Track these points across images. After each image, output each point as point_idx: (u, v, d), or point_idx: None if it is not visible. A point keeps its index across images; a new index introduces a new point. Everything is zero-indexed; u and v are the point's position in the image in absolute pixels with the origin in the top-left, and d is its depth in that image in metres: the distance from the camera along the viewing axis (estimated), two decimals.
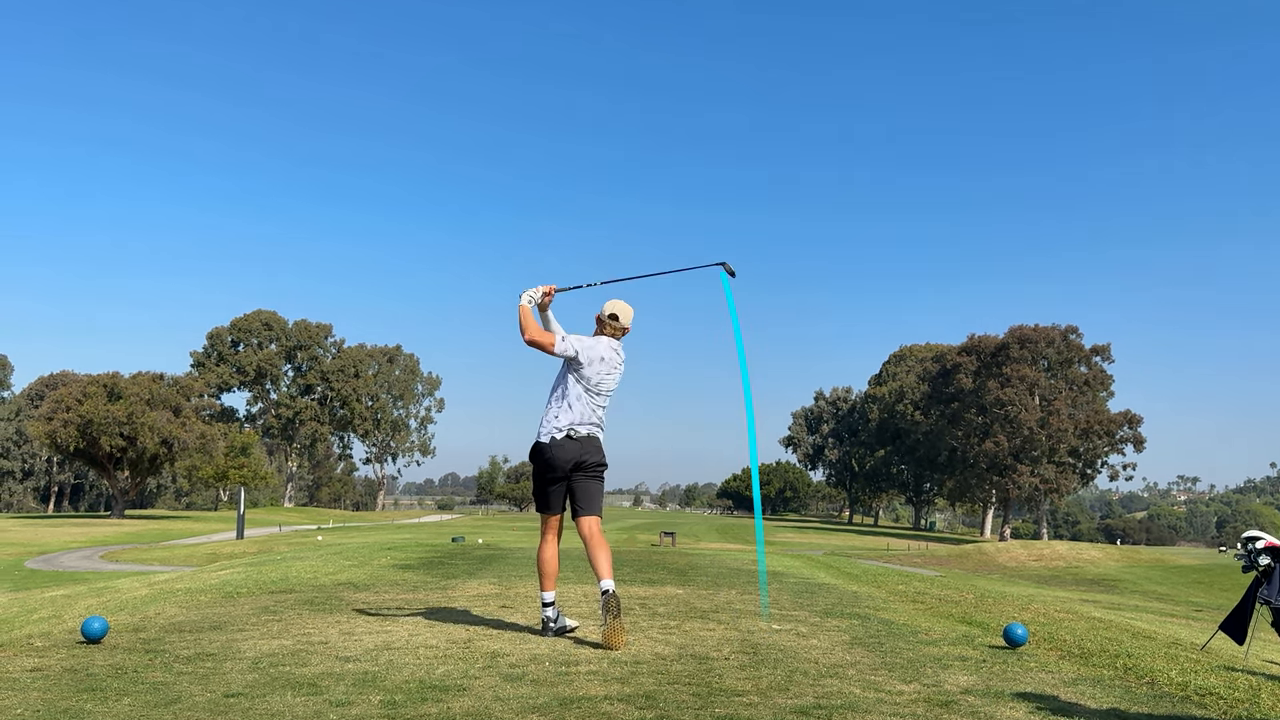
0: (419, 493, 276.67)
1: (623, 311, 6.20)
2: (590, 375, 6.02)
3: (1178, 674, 5.24)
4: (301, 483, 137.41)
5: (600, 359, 6.05)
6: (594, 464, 6.02)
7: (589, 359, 6.02)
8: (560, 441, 5.98)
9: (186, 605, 7.54)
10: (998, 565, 55.31)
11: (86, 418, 77.84)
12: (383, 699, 4.25)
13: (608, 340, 6.15)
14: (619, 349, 6.17)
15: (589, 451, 6.00)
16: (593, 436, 6.02)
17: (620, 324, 6.18)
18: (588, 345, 6.07)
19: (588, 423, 6.01)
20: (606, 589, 5.69)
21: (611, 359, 6.09)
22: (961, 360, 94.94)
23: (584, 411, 6.01)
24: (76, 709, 4.03)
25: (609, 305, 6.21)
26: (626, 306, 6.23)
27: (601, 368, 6.04)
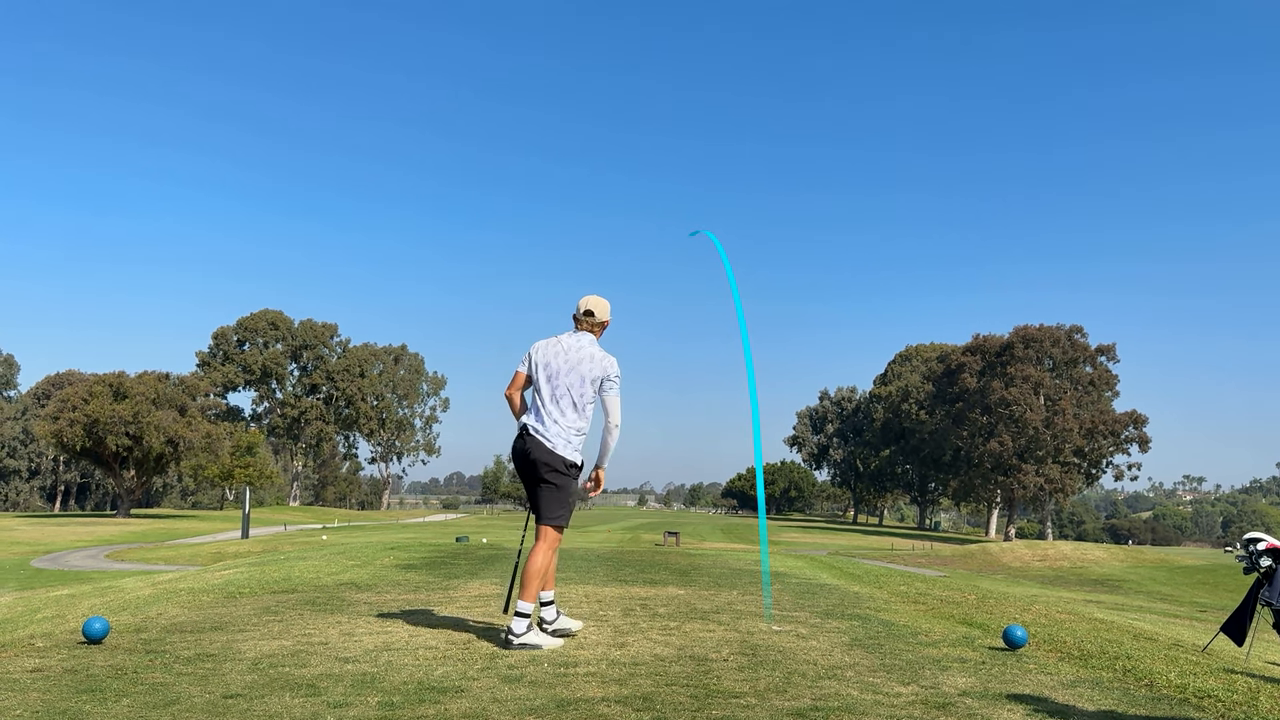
0: (424, 492, 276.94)
1: (597, 306, 5.97)
2: (540, 378, 5.84)
3: (1177, 676, 5.23)
4: (307, 482, 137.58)
5: (548, 362, 5.84)
6: (545, 467, 5.75)
7: (538, 363, 5.87)
8: (516, 441, 5.89)
9: (189, 605, 7.56)
10: (1002, 565, 55.24)
11: (92, 417, 77.99)
12: (380, 700, 4.26)
13: (572, 337, 5.92)
14: (587, 344, 5.88)
15: (539, 453, 5.75)
16: (546, 439, 5.75)
17: (595, 319, 5.96)
18: (540, 350, 5.90)
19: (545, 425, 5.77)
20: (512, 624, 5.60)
21: (570, 356, 5.82)
22: (966, 360, 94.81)
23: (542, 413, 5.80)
24: (75, 710, 4.04)
25: (583, 301, 5.98)
26: (601, 300, 6.01)
27: (550, 367, 5.82)
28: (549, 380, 5.81)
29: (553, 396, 5.79)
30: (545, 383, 5.82)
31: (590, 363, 5.81)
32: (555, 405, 5.77)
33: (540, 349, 5.89)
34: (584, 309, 5.96)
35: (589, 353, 5.84)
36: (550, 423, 5.76)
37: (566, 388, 5.78)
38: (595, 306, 5.96)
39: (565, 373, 5.80)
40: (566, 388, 5.78)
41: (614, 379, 5.82)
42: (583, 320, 5.97)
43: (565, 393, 5.77)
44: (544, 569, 5.78)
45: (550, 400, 5.78)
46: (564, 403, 5.77)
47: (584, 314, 5.96)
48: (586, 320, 5.96)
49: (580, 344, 5.88)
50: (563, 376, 5.80)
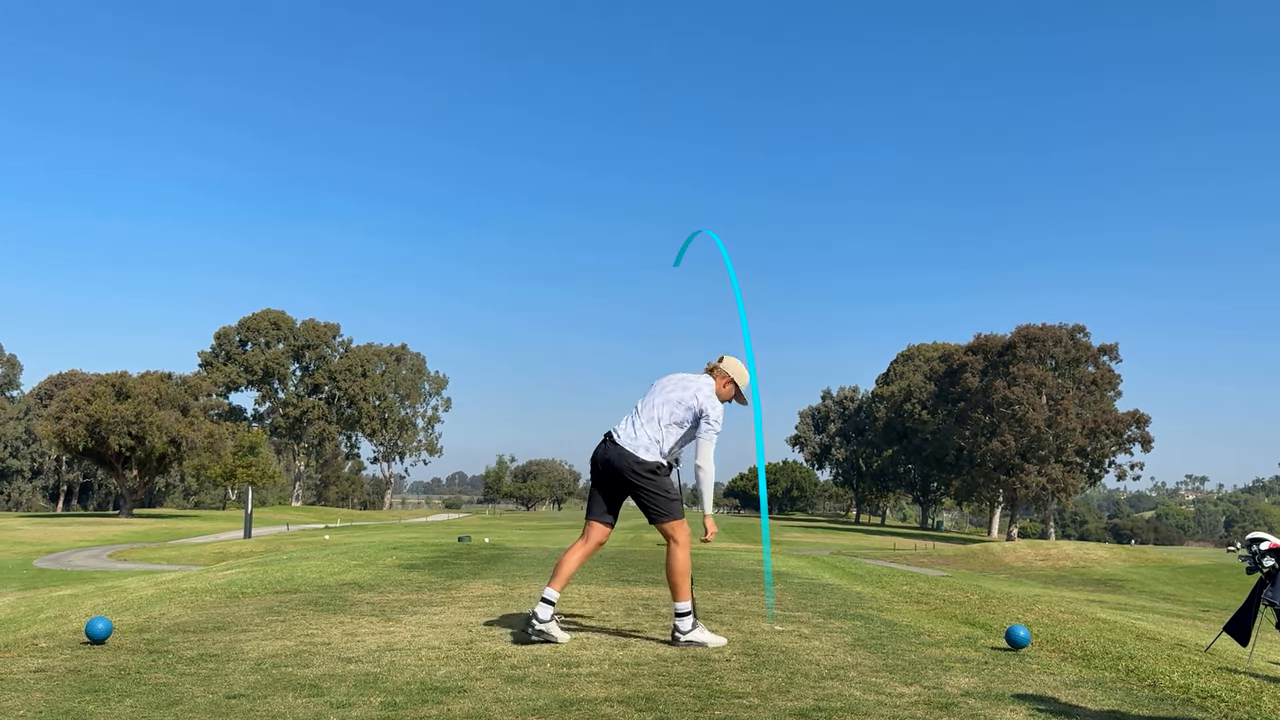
0: (426, 491, 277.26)
1: (730, 362, 6.14)
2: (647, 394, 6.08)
3: (1180, 676, 5.23)
4: (309, 482, 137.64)
5: (662, 383, 6.07)
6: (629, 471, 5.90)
7: (654, 383, 6.12)
8: (598, 447, 6.03)
9: (191, 605, 7.57)
10: (1004, 565, 55.19)
11: (95, 417, 78.05)
12: (383, 700, 4.26)
13: (696, 375, 6.09)
14: (703, 382, 6.03)
15: (619, 458, 5.90)
16: (623, 442, 5.90)
17: (721, 367, 6.11)
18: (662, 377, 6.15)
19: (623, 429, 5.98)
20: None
21: (682, 383, 6.00)
22: (969, 360, 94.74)
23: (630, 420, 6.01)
24: (79, 710, 4.04)
25: (725, 363, 6.15)
26: (737, 362, 6.18)
27: (659, 386, 6.06)
28: (651, 395, 6.04)
29: (646, 408, 5.99)
30: (648, 396, 6.05)
31: (696, 396, 5.94)
32: (646, 416, 5.96)
33: (661, 379, 6.14)
34: (722, 362, 6.16)
35: (699, 387, 5.99)
36: (630, 427, 5.95)
37: (662, 404, 5.95)
38: (728, 361, 6.15)
39: (669, 392, 5.99)
40: (662, 404, 5.95)
41: (714, 421, 5.91)
42: (716, 370, 6.14)
43: (652, 410, 5.95)
44: (686, 567, 5.93)
45: (643, 411, 5.99)
46: (645, 417, 5.94)
47: (719, 362, 6.17)
48: (719, 372, 6.12)
49: (698, 380, 6.06)
50: (664, 394, 5.99)
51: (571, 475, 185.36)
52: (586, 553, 5.99)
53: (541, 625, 5.79)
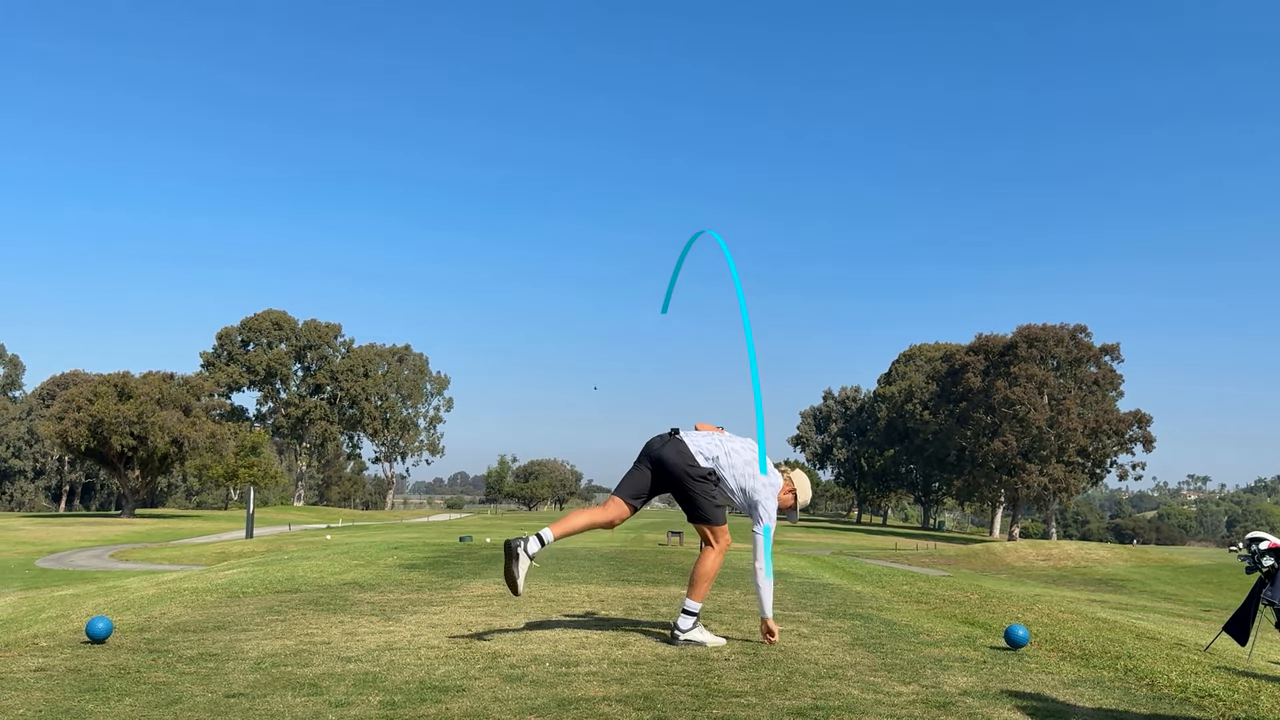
0: (428, 491, 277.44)
1: (797, 476, 6.23)
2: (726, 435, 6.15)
3: (1178, 675, 5.23)
4: (311, 482, 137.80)
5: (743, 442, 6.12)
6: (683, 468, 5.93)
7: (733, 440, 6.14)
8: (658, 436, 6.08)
9: (192, 605, 7.58)
10: (1006, 565, 55.21)
11: (97, 417, 78.18)
12: (382, 699, 4.27)
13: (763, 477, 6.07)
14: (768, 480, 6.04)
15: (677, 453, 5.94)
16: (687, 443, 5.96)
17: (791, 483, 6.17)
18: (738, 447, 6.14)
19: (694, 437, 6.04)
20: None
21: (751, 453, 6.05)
22: (970, 360, 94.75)
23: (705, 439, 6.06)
24: (79, 709, 4.06)
25: (797, 476, 6.24)
26: (806, 481, 6.28)
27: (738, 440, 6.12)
28: (732, 438, 6.10)
29: (726, 440, 6.05)
30: (727, 437, 6.10)
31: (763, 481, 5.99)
32: (722, 445, 6.00)
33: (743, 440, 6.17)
34: (793, 472, 6.24)
35: (772, 479, 6.03)
36: (701, 438, 6.00)
37: (739, 451, 6.01)
38: (798, 476, 6.23)
39: (748, 450, 6.05)
40: (739, 451, 6.01)
41: (763, 518, 5.95)
42: (787, 470, 6.23)
43: (735, 454, 5.99)
44: (715, 570, 5.97)
45: (723, 441, 6.04)
46: (726, 449, 5.99)
47: (787, 466, 6.29)
48: (785, 473, 6.20)
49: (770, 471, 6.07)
50: (745, 448, 6.06)
51: (573, 475, 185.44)
52: (595, 521, 5.93)
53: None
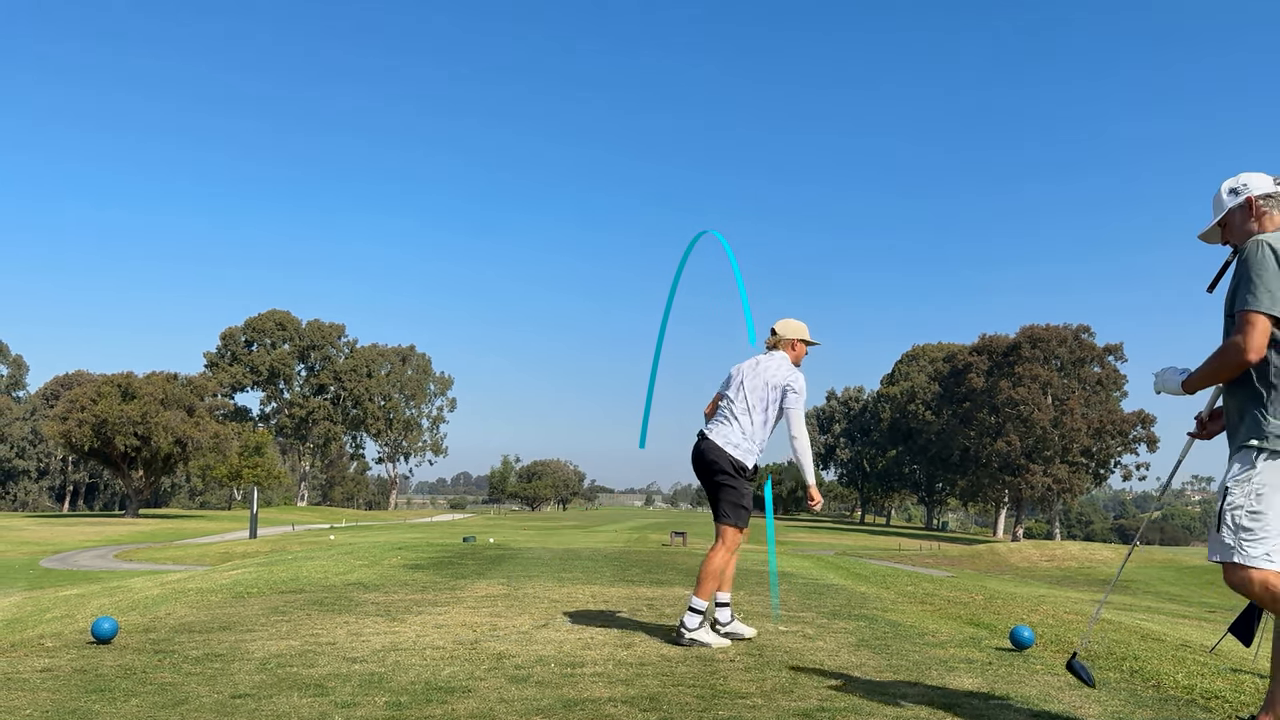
0: (431, 492, 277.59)
1: (784, 325, 6.27)
2: (730, 388, 6.17)
3: (1184, 677, 5.22)
4: (315, 482, 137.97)
5: (740, 374, 6.17)
6: (714, 467, 6.03)
7: (731, 376, 6.22)
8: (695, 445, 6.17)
9: (197, 605, 7.59)
10: (1010, 566, 55.15)
11: (101, 417, 78.27)
12: (388, 700, 4.27)
13: (767, 355, 6.21)
14: (779, 358, 6.15)
15: (709, 453, 6.04)
16: (714, 441, 6.03)
17: (779, 336, 6.24)
18: (736, 367, 6.24)
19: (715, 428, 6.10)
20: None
21: (759, 368, 6.11)
22: (973, 360, 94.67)
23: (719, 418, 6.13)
24: (85, 709, 4.06)
25: (777, 324, 6.30)
26: (794, 321, 6.30)
27: (739, 378, 6.15)
28: (735, 389, 6.12)
29: (731, 403, 6.10)
30: (732, 391, 6.14)
31: (774, 373, 6.06)
32: (731, 411, 6.07)
33: (737, 367, 6.24)
34: (780, 326, 6.28)
35: (777, 365, 6.11)
36: (721, 425, 6.07)
37: (745, 396, 6.05)
38: (781, 326, 6.27)
39: (749, 382, 6.08)
40: (745, 396, 6.05)
41: (797, 391, 6.02)
42: (781, 341, 6.26)
43: (743, 401, 6.05)
44: (720, 569, 5.98)
45: (728, 406, 6.10)
46: (739, 409, 6.05)
47: (779, 328, 6.28)
48: (782, 339, 6.25)
49: (772, 359, 6.17)
50: (746, 385, 6.08)
51: (576, 476, 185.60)
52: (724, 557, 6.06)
53: (725, 629, 5.98)
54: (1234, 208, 3.76)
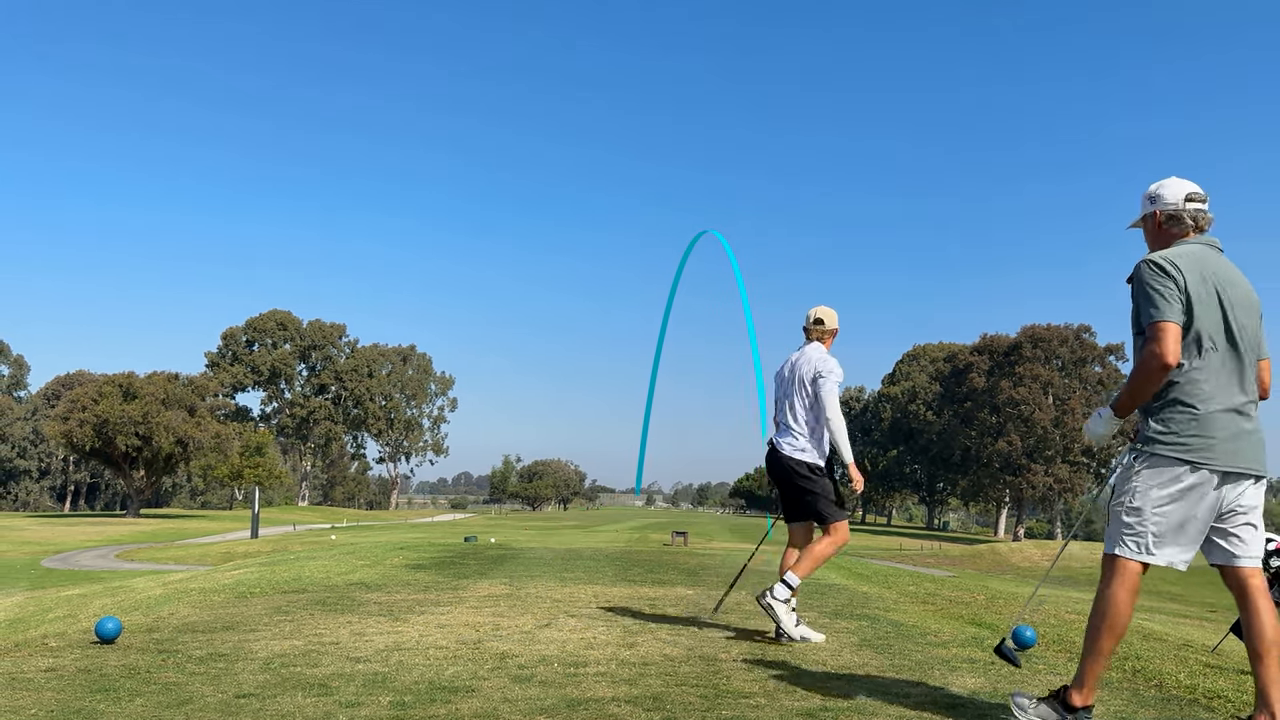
0: (432, 492, 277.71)
1: (826, 314, 6.33)
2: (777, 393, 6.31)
3: (1186, 677, 5.23)
4: (316, 482, 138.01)
5: (780, 375, 6.32)
6: (791, 474, 6.12)
7: (774, 380, 6.37)
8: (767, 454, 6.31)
9: (200, 605, 7.60)
10: (1011, 565, 55.17)
11: (102, 417, 78.31)
12: (392, 700, 4.28)
13: (799, 350, 6.29)
14: (809, 351, 6.22)
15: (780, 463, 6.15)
16: (780, 449, 6.13)
17: (825, 327, 6.30)
18: (776, 370, 6.38)
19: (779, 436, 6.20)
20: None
21: (791, 365, 6.22)
22: (974, 360, 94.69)
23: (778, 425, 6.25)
24: (90, 709, 4.07)
25: (812, 311, 6.35)
26: (829, 309, 6.37)
27: (780, 380, 6.29)
28: (783, 392, 6.23)
29: (781, 407, 6.21)
30: (780, 394, 6.26)
31: (806, 366, 6.13)
32: (785, 415, 6.19)
33: (779, 369, 6.37)
34: (814, 319, 6.33)
35: (810, 357, 6.18)
36: (783, 431, 6.17)
37: (791, 395, 6.15)
38: (825, 315, 6.32)
39: (795, 377, 6.16)
40: (791, 395, 6.15)
41: (825, 375, 6.07)
42: (813, 329, 6.33)
43: (790, 400, 6.15)
44: (824, 557, 6.08)
45: (783, 411, 6.20)
46: (790, 410, 6.15)
47: (814, 323, 6.32)
48: (816, 329, 6.31)
49: (804, 353, 6.23)
50: (793, 379, 6.17)
51: (577, 475, 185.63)
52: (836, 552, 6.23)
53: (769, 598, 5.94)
54: (1146, 215, 3.98)
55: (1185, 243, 3.83)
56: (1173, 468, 3.69)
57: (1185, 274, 3.66)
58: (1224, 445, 3.67)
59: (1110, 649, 3.74)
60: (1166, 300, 3.63)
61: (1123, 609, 3.72)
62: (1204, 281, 3.69)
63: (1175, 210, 3.87)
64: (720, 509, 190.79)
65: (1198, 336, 3.67)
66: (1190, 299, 3.65)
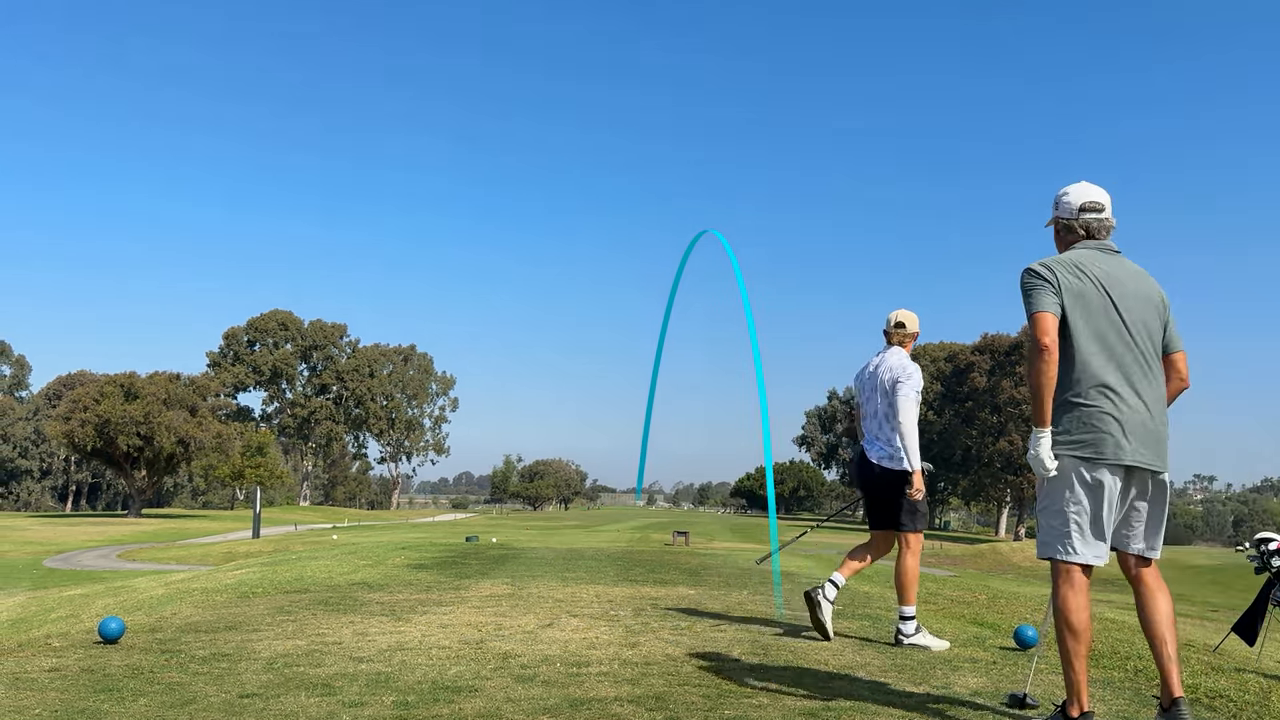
0: (433, 491, 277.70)
1: (908, 318, 6.31)
2: (859, 402, 6.33)
3: (1188, 676, 5.23)
4: (317, 482, 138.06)
5: (860, 385, 6.32)
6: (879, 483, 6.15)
7: (855, 389, 6.41)
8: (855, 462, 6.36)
9: (202, 605, 7.61)
10: (1012, 565, 55.19)
11: (104, 417, 78.33)
12: (395, 700, 4.29)
13: (878, 355, 6.29)
14: (888, 357, 6.20)
15: (869, 472, 6.18)
16: (870, 458, 6.15)
17: (906, 330, 6.29)
18: (856, 377, 6.39)
19: (867, 446, 6.21)
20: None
21: (871, 372, 6.23)
22: (975, 359, 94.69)
23: (866, 435, 6.25)
24: (93, 709, 4.08)
25: (893, 315, 6.33)
26: (910, 313, 6.35)
27: (861, 389, 6.30)
28: (866, 399, 6.24)
29: (868, 415, 6.22)
30: (864, 401, 6.26)
31: (889, 373, 6.12)
32: (869, 422, 6.19)
33: (858, 375, 6.36)
34: (895, 322, 6.31)
35: (889, 364, 6.16)
36: (871, 440, 6.18)
37: (874, 401, 6.16)
38: (906, 319, 6.30)
39: (875, 383, 6.17)
40: (874, 401, 6.16)
41: (904, 380, 6.06)
42: (894, 333, 6.31)
43: (874, 407, 6.16)
44: (916, 573, 6.12)
45: (869, 418, 6.20)
46: (874, 418, 6.16)
47: (894, 326, 6.31)
48: (897, 333, 6.30)
49: (884, 358, 6.23)
50: (868, 394, 6.20)
51: (578, 475, 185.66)
52: (874, 558, 6.29)
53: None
54: (1050, 220, 4.18)
55: (1075, 248, 4.02)
56: (1074, 466, 3.80)
57: (1059, 276, 3.86)
58: (1116, 440, 3.78)
59: (1081, 652, 3.80)
60: (1040, 293, 3.83)
61: (1075, 611, 3.79)
62: (1083, 281, 3.86)
63: (1069, 221, 4.07)
64: (721, 509, 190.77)
65: (1079, 334, 3.83)
66: (1064, 296, 3.82)
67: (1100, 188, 4.10)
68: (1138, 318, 3.89)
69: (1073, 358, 3.83)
